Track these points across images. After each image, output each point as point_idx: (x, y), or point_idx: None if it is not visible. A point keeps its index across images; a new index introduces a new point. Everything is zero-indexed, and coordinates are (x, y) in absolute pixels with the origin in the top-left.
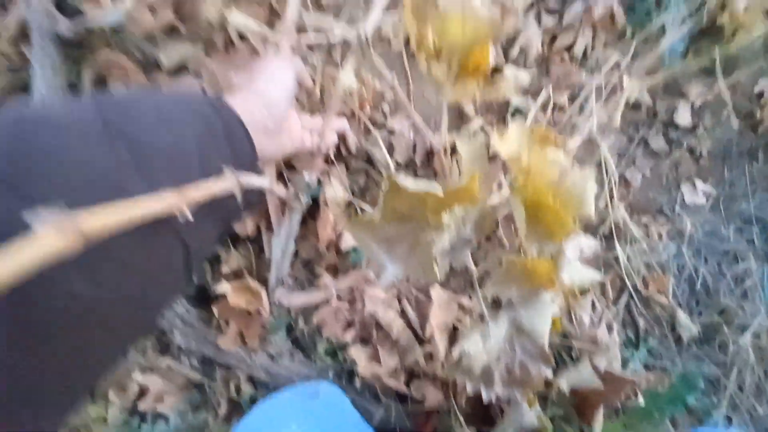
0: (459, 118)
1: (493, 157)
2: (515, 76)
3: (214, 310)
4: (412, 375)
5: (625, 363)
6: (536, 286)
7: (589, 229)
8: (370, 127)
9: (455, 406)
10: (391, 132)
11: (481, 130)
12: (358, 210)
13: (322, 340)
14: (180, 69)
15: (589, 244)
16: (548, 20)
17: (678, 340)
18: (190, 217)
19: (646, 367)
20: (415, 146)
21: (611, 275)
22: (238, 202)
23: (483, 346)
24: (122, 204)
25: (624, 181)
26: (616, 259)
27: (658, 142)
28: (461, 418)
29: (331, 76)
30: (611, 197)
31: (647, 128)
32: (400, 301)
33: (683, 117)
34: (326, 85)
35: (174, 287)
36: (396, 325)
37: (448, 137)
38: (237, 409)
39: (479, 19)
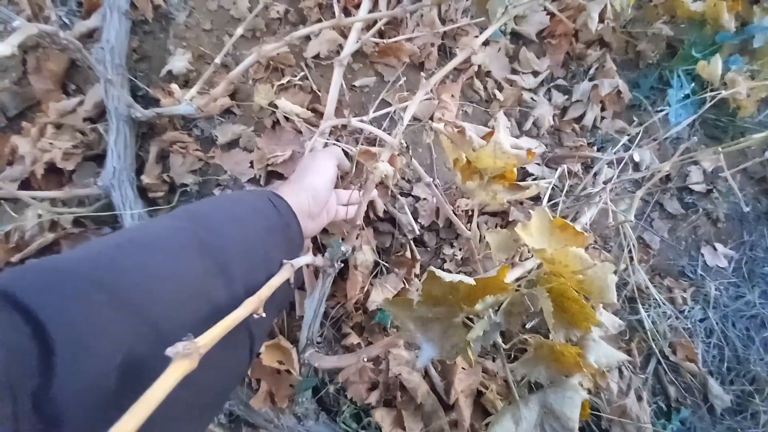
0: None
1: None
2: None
3: (248, 370)
4: None
5: None
6: (564, 370)
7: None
8: (396, 194)
9: None
10: (416, 198)
11: (507, 203)
12: (384, 269)
13: (346, 402)
14: (232, 144)
15: (613, 322)
16: (558, 97)
17: (710, 409)
18: (264, 315)
19: None
20: (438, 211)
21: (637, 339)
22: (292, 285)
23: (515, 430)
24: (222, 321)
25: (643, 244)
26: (640, 322)
27: (673, 206)
28: None
29: (367, 155)
30: (631, 260)
31: (661, 192)
32: None
33: (696, 182)
34: (361, 164)
35: (241, 373)
36: (420, 389)
37: (475, 226)
38: None
39: (508, 156)
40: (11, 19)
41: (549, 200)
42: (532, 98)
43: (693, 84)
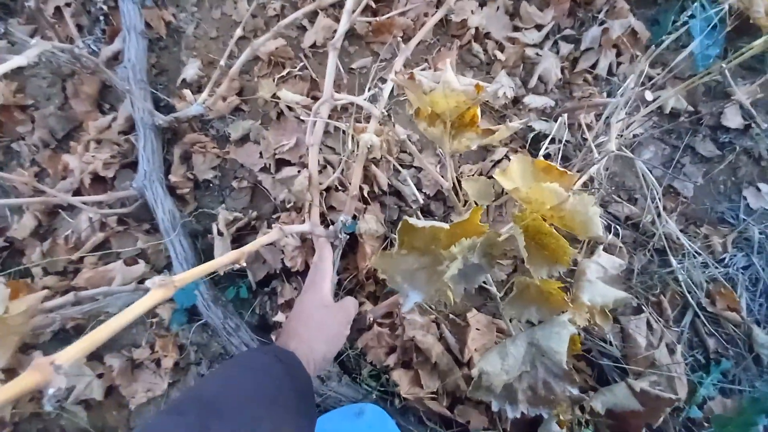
0: (484, 149)
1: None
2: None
3: (273, 336)
4: (455, 399)
5: (694, 389)
6: (554, 309)
7: (639, 245)
8: (399, 167)
9: (500, 430)
10: (419, 169)
11: (506, 158)
12: (393, 242)
13: (366, 365)
14: (244, 139)
15: (613, 262)
16: (566, 48)
17: (756, 360)
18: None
19: (722, 392)
20: None
21: (669, 293)
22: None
23: (501, 365)
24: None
25: (674, 193)
26: (673, 274)
27: (706, 148)
28: None
29: (362, 131)
30: (657, 211)
31: (692, 135)
32: (438, 325)
33: (732, 119)
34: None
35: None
36: (435, 349)
37: (454, 175)
38: None
39: (457, 92)
40: (26, 42)
41: (563, 159)
42: (536, 54)
43: (716, 8)
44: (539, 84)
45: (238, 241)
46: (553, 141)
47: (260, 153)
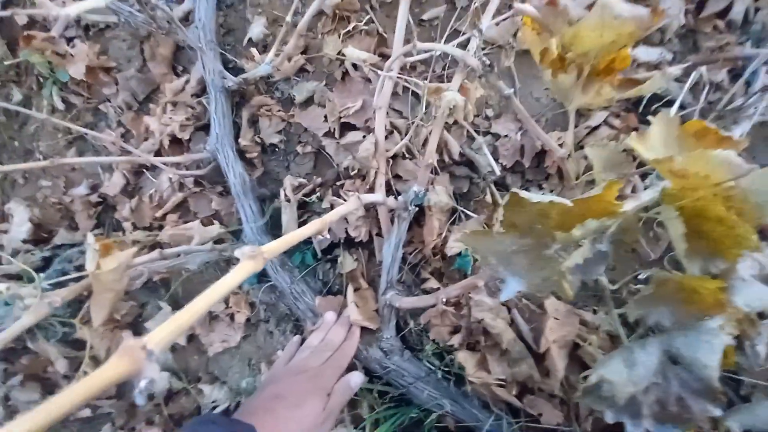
0: (577, 113)
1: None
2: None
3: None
4: (524, 389)
5: None
6: (698, 312)
7: None
8: (473, 133)
9: (578, 429)
10: (496, 136)
11: (606, 124)
12: (462, 216)
13: (429, 341)
14: (308, 101)
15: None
16: None
17: None
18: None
19: None
20: (522, 149)
21: None
22: None
23: (628, 374)
24: (287, 236)
25: None
26: None
27: None
28: None
29: (437, 92)
30: None
31: None
32: (509, 309)
33: None
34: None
35: None
36: (506, 335)
37: (570, 140)
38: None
39: (623, 21)
40: None
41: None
42: None
43: None
44: (655, 33)
45: (303, 207)
46: (668, 104)
47: (325, 116)
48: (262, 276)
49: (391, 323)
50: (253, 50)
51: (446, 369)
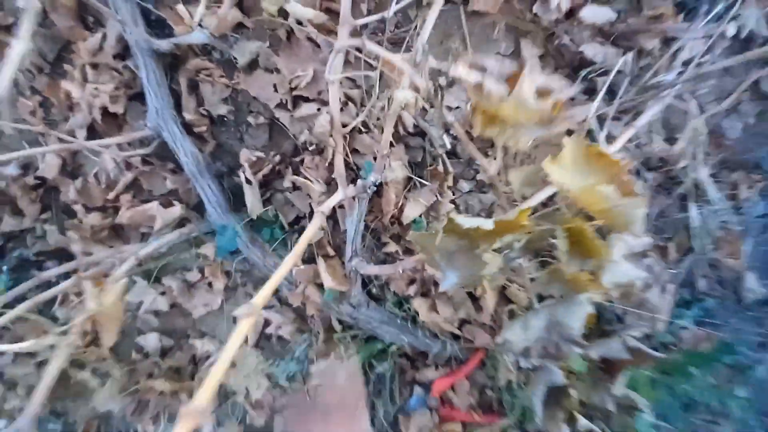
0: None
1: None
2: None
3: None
4: (464, 321)
5: (672, 321)
6: (576, 289)
7: (664, 188)
8: (426, 106)
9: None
10: (448, 108)
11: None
12: (417, 184)
13: (390, 293)
14: (252, 65)
15: (639, 242)
16: None
17: (739, 301)
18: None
19: (699, 323)
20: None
21: (679, 238)
22: None
23: (524, 335)
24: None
25: (719, 134)
26: (686, 220)
27: None
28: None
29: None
30: (694, 155)
31: (760, 67)
32: None
33: None
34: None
35: None
36: None
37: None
38: (331, 339)
39: (531, 111)
40: None
41: (609, 91)
42: None
43: None
44: None
45: (265, 186)
46: (605, 72)
47: (274, 86)
48: (234, 252)
49: (358, 283)
50: (181, 7)
51: (404, 313)
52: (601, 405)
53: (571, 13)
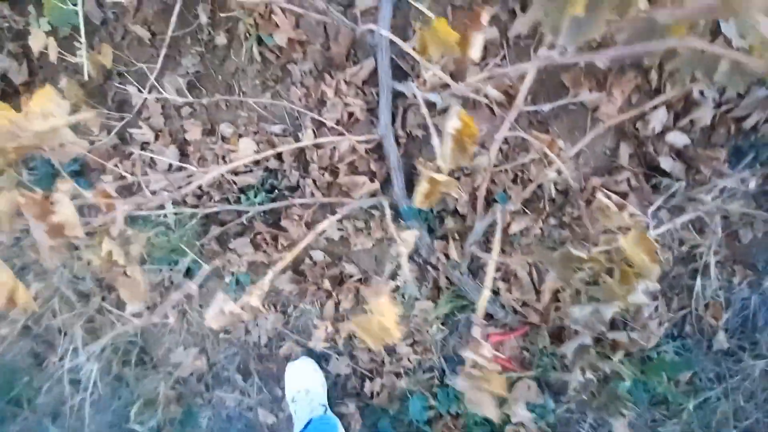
0: None
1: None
2: None
3: None
4: (524, 303)
5: (658, 345)
6: (613, 299)
7: (685, 261)
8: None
9: (546, 327)
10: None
11: None
12: (521, 211)
13: (483, 272)
14: (445, 110)
15: (652, 287)
16: None
17: (709, 347)
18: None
19: (676, 352)
20: None
21: (682, 294)
22: None
23: (579, 312)
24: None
25: (732, 236)
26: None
27: None
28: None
29: None
30: (710, 246)
31: None
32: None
33: None
34: None
35: None
36: (525, 280)
37: None
38: (437, 287)
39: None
40: None
41: (667, 191)
42: None
43: None
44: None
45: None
46: (667, 174)
47: None
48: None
49: (467, 260)
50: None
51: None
52: (602, 368)
53: (661, 134)
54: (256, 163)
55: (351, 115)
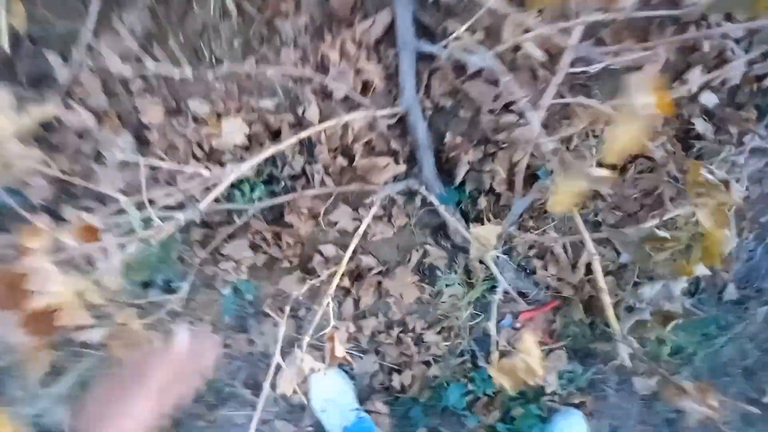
0: None
1: None
2: None
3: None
4: (560, 279)
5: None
6: (682, 274)
7: None
8: None
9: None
10: None
11: None
12: None
13: (517, 252)
14: (477, 73)
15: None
16: None
17: (719, 299)
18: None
19: (693, 306)
20: None
21: None
22: None
23: (651, 290)
24: None
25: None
26: None
27: None
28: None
29: None
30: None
31: None
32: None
33: None
34: None
35: None
36: (562, 257)
37: None
38: (467, 271)
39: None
40: None
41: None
42: None
43: None
44: None
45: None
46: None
47: (495, 96)
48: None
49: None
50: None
51: (525, 268)
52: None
53: (694, 95)
54: (246, 149)
55: (366, 83)
